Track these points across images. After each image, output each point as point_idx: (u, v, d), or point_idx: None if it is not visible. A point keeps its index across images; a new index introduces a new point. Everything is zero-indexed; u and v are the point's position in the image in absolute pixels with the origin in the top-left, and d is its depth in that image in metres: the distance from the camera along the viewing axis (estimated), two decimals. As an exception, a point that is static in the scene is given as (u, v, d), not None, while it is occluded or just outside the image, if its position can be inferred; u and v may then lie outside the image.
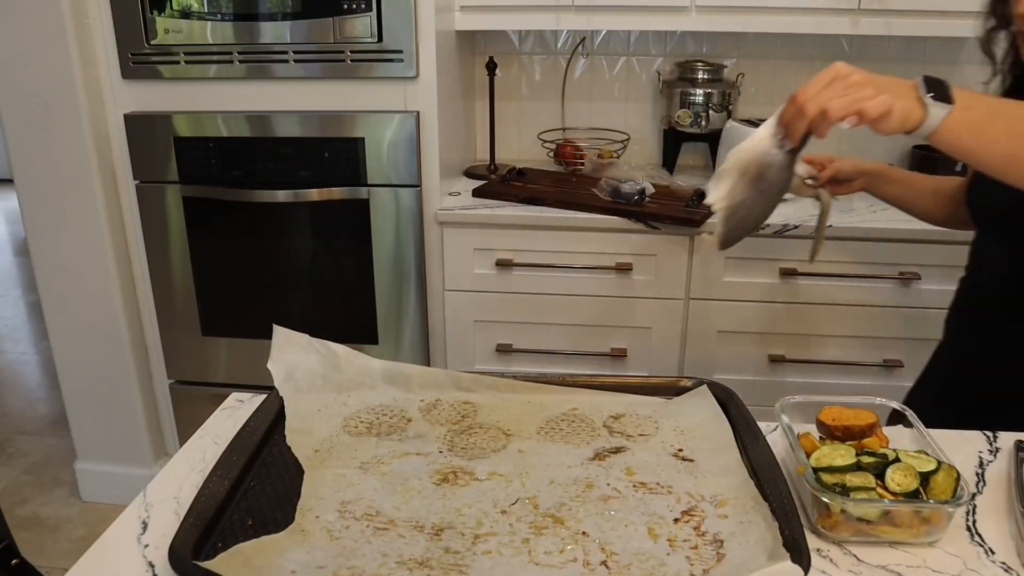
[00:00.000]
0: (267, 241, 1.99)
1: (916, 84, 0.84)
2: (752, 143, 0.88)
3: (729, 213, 0.92)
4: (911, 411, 0.89)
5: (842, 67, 0.82)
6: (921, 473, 0.77)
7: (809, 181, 1.28)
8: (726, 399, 0.97)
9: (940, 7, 1.86)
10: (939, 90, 0.83)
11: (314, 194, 1.91)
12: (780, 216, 1.80)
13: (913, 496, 0.76)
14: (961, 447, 0.94)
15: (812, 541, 0.75)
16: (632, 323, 1.92)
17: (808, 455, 0.80)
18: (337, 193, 1.90)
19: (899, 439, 0.87)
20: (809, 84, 0.82)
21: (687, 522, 0.76)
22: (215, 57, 1.84)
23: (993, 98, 0.88)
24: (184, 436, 2.21)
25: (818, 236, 1.11)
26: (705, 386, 0.99)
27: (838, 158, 1.36)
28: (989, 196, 1.14)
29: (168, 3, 1.81)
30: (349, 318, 2.02)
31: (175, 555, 0.69)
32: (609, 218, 1.83)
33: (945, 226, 1.42)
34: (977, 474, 0.89)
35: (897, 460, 0.78)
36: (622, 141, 2.24)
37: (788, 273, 1.83)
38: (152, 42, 1.85)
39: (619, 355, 1.94)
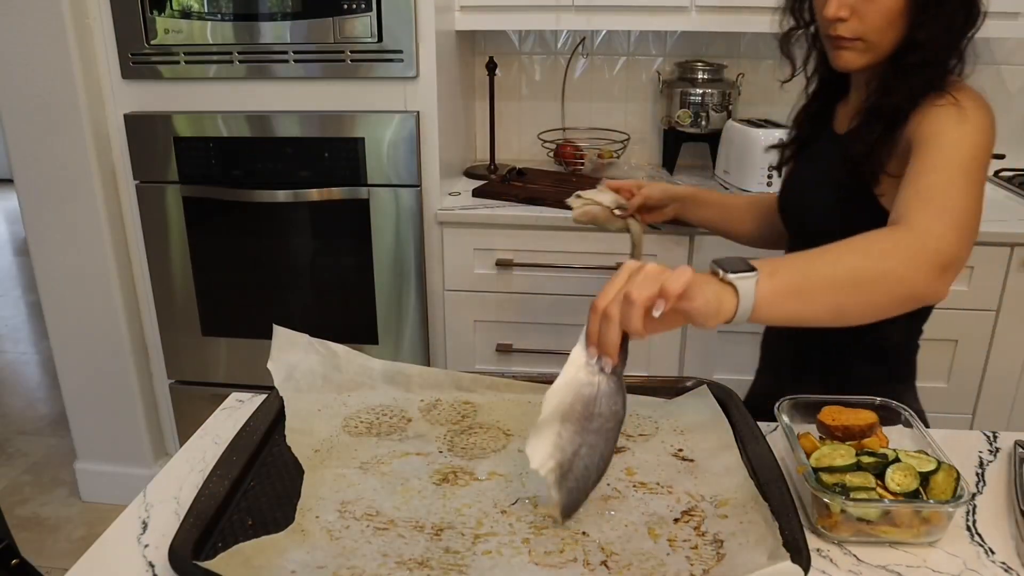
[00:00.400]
0: (267, 241, 1.99)
1: (711, 270, 0.78)
2: (565, 380, 0.74)
3: (561, 472, 0.74)
4: (911, 411, 0.89)
5: (631, 264, 0.75)
6: (921, 473, 0.77)
7: (617, 211, 1.23)
8: (726, 399, 0.97)
9: (940, 7, 1.86)
10: (734, 265, 0.77)
11: (314, 194, 1.91)
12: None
13: (913, 496, 0.76)
14: (961, 447, 0.94)
15: (812, 541, 0.75)
16: (632, 323, 1.91)
17: (808, 455, 0.80)
18: (337, 193, 1.90)
19: (899, 439, 0.87)
20: (605, 289, 0.74)
21: (687, 522, 0.76)
22: (215, 57, 1.84)
23: (792, 257, 0.83)
24: (184, 436, 2.21)
25: None
26: (705, 386, 0.99)
27: (647, 184, 1.31)
28: (801, 204, 1.16)
29: (168, 3, 1.81)
30: (349, 318, 2.02)
31: (175, 555, 0.70)
32: (609, 218, 1.83)
33: (763, 245, 1.39)
34: (977, 474, 0.89)
35: (897, 460, 0.78)
36: (622, 141, 2.24)
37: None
38: (152, 42, 1.85)
39: (619, 355, 1.93)
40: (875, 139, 1.02)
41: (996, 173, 2.22)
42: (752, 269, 0.77)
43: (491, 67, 2.11)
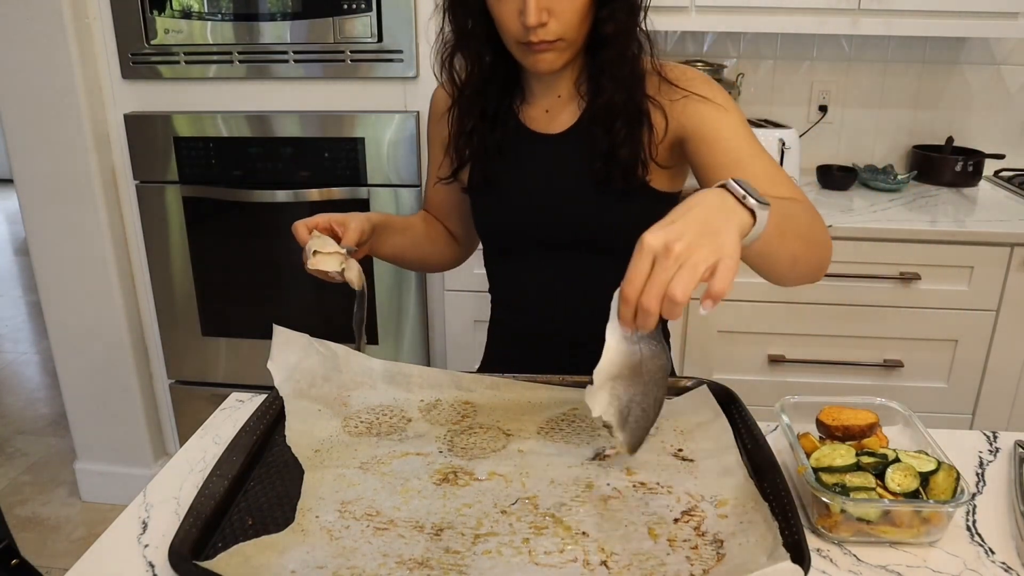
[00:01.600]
0: (267, 241, 1.99)
1: (730, 189, 0.74)
2: (609, 358, 0.77)
3: (622, 417, 0.82)
4: (911, 411, 0.89)
5: (652, 241, 0.69)
6: (921, 473, 0.77)
7: (342, 264, 1.04)
8: (726, 399, 0.97)
9: (940, 7, 1.86)
10: (754, 191, 0.74)
11: (314, 194, 1.91)
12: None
13: (913, 496, 0.76)
14: (961, 447, 0.94)
15: (812, 541, 0.75)
16: (632, 323, 1.91)
17: (808, 455, 0.80)
18: (337, 193, 1.90)
19: (899, 439, 0.87)
20: (632, 276, 0.70)
21: (687, 522, 0.76)
22: (215, 57, 1.84)
23: (772, 197, 0.79)
24: (184, 436, 2.21)
25: (359, 331, 1.00)
26: (705, 386, 0.99)
27: (351, 217, 1.09)
28: (552, 209, 1.12)
29: (168, 3, 1.81)
30: (349, 318, 2.01)
31: (175, 555, 0.69)
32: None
33: (442, 268, 1.41)
34: (977, 474, 0.89)
35: (897, 460, 0.78)
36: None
37: (788, 273, 1.83)
38: (152, 42, 1.85)
39: (619, 355, 1.93)
40: (629, 138, 1.05)
41: (996, 173, 2.22)
42: (767, 202, 0.74)
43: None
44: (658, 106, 1.05)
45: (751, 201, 0.73)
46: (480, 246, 1.28)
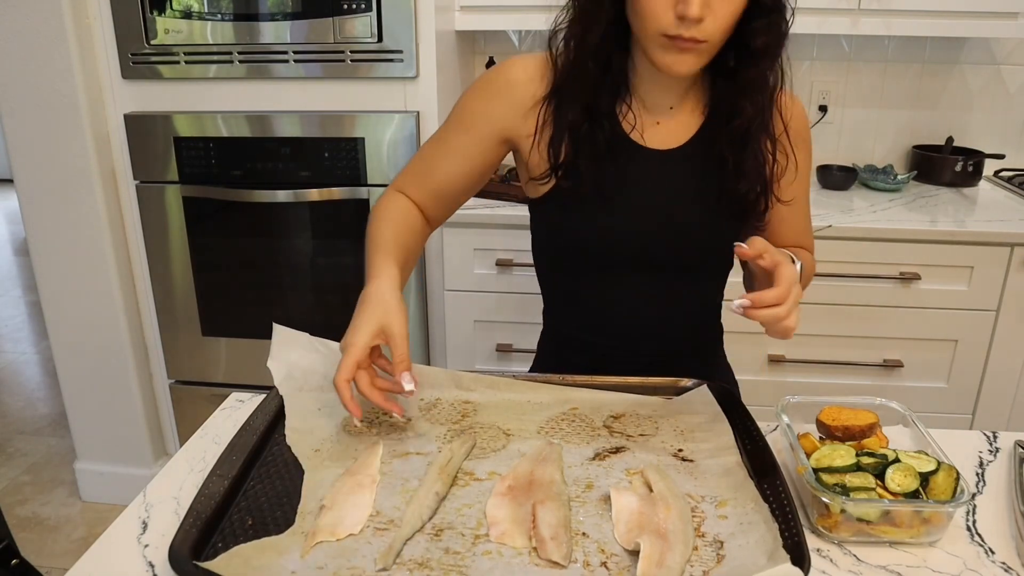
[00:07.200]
0: (267, 241, 1.99)
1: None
2: None
3: None
4: (911, 411, 0.89)
5: (794, 275, 0.87)
6: (921, 473, 0.77)
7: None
8: (726, 399, 0.97)
9: (940, 7, 1.86)
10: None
11: (314, 194, 1.91)
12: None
13: (913, 496, 0.76)
14: (961, 447, 0.94)
15: (812, 541, 0.75)
16: (632, 323, 1.92)
17: (808, 455, 0.80)
18: (337, 193, 1.90)
19: (899, 439, 0.87)
20: (782, 292, 0.84)
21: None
22: (215, 57, 1.84)
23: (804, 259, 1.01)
24: (184, 436, 2.21)
25: None
26: (705, 386, 0.99)
27: (394, 339, 0.92)
28: (670, 230, 1.06)
29: (168, 3, 1.81)
30: (349, 318, 2.01)
31: (175, 555, 0.69)
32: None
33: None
34: (977, 474, 0.89)
35: (897, 460, 0.78)
36: (622, 141, 2.23)
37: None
38: (152, 42, 1.85)
39: (619, 355, 1.94)
40: (758, 166, 1.00)
41: (996, 173, 2.22)
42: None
43: (491, 67, 2.11)
44: (779, 140, 1.02)
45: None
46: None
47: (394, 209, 1.08)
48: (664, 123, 1.03)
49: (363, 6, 1.76)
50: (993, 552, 0.76)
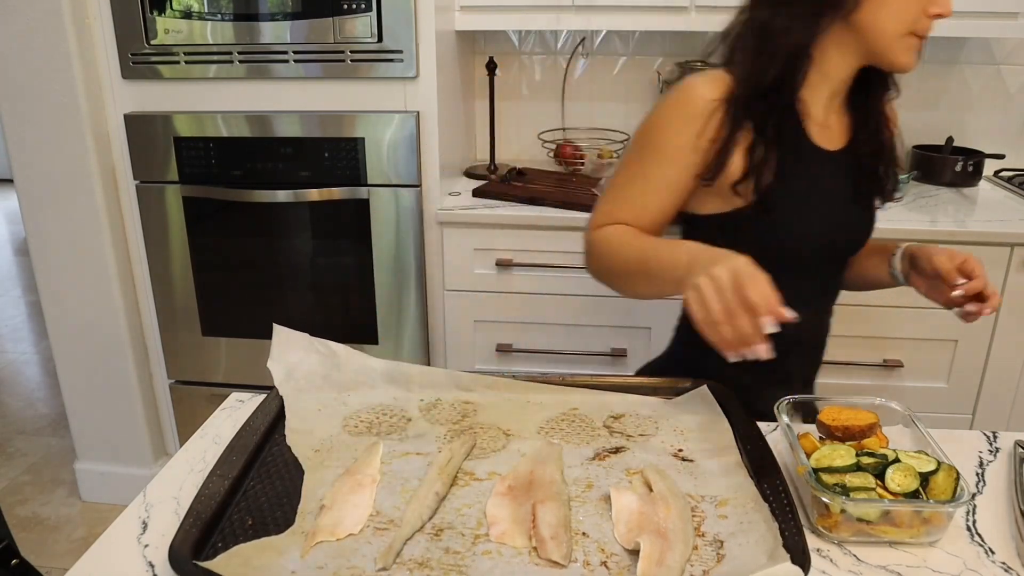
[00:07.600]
0: (267, 241, 1.99)
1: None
2: None
3: None
4: (911, 411, 0.89)
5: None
6: (921, 473, 0.77)
7: None
8: (726, 399, 0.97)
9: (940, 7, 1.86)
10: None
11: (314, 194, 1.91)
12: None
13: (913, 496, 0.76)
14: (961, 447, 0.94)
15: (812, 541, 0.75)
16: (632, 323, 1.92)
17: (808, 455, 0.80)
18: (337, 193, 1.90)
19: (899, 439, 0.87)
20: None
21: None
22: (215, 57, 1.84)
23: None
24: (184, 436, 2.21)
25: None
26: (705, 386, 0.99)
27: None
28: (837, 225, 1.13)
29: (168, 3, 1.81)
30: (349, 318, 2.02)
31: (175, 555, 0.69)
32: (609, 218, 1.83)
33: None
34: (977, 474, 0.89)
35: (897, 460, 0.78)
36: (622, 141, 2.24)
37: (788, 273, 1.83)
38: (152, 42, 1.85)
39: (619, 355, 1.94)
40: (890, 157, 1.17)
41: (996, 173, 2.22)
42: None
43: (491, 67, 2.11)
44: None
45: None
46: None
47: (624, 230, 1.05)
48: (831, 125, 1.10)
49: (363, 6, 1.76)
50: (993, 552, 0.76)
